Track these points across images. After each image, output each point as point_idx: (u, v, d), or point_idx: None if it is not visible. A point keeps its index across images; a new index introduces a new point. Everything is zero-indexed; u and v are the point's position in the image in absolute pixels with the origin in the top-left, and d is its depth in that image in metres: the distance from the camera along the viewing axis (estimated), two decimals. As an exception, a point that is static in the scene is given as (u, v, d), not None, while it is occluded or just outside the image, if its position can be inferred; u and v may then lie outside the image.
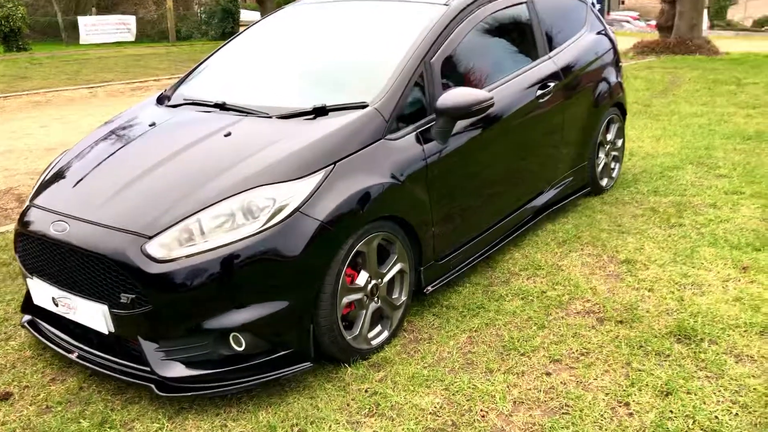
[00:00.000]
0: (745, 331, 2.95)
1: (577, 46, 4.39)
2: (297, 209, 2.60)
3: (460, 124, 3.26)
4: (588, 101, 4.46)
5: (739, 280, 3.42)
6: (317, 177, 2.70)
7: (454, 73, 3.44)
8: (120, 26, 25.79)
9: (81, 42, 24.41)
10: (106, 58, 18.82)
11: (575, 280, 3.53)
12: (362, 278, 2.86)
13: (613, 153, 4.92)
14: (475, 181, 3.46)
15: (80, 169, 3.06)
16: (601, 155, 4.76)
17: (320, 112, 3.02)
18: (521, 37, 4.01)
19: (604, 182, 4.82)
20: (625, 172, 5.29)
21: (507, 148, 3.70)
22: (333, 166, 2.76)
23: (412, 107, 3.15)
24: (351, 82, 3.31)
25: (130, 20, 26.43)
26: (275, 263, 2.57)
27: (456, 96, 3.12)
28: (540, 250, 3.93)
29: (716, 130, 6.61)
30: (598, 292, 3.40)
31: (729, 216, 4.24)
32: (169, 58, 18.61)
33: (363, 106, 3.01)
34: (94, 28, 25.03)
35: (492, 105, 3.18)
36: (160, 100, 3.67)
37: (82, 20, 25.08)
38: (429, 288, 3.25)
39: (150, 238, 2.53)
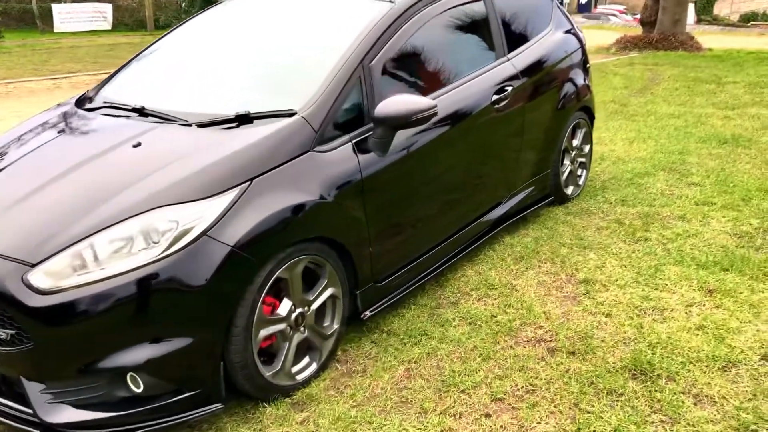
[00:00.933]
0: (706, 366, 2.69)
1: (540, 47, 4.11)
2: (203, 233, 2.31)
3: (404, 133, 2.97)
4: (551, 105, 4.18)
5: (704, 305, 3.16)
6: (229, 196, 2.40)
7: (397, 78, 3.15)
8: (96, 14, 25.25)
9: (55, 30, 23.86)
10: (78, 47, 18.34)
11: (529, 302, 3.26)
12: (285, 307, 2.58)
13: (580, 159, 4.65)
14: (419, 196, 3.18)
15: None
16: (567, 162, 4.49)
17: (244, 119, 2.72)
18: (477, 37, 3.72)
19: (569, 190, 4.55)
20: (593, 178, 5.03)
21: (458, 158, 3.42)
22: (250, 182, 2.47)
23: (347, 115, 2.86)
24: (281, 87, 3.01)
25: (107, 8, 25.89)
26: (179, 294, 2.27)
27: (395, 104, 2.83)
28: (495, 266, 3.66)
29: (692, 132, 6.37)
30: (552, 316, 3.13)
31: (698, 230, 3.99)
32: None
33: (291, 114, 2.72)
34: (68, 15, 24.48)
35: (435, 114, 2.89)
36: (80, 102, 3.35)
37: (56, 8, 24.51)
38: (367, 313, 2.97)
39: (33, 265, 2.23)
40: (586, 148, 4.71)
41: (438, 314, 3.20)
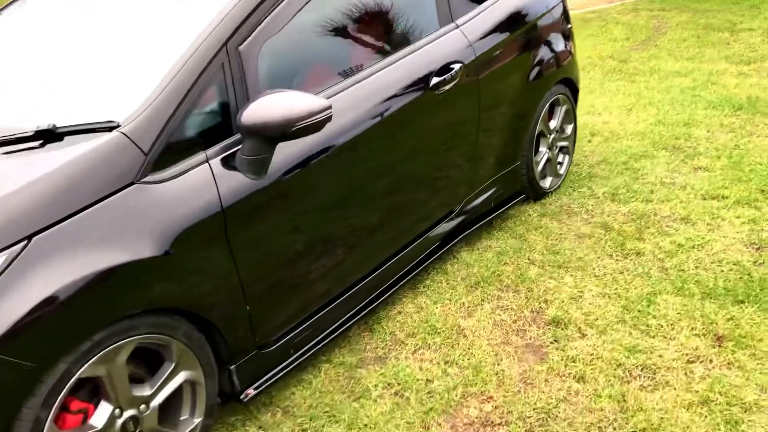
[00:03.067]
0: (712, 476, 1.90)
1: (500, 6, 3.19)
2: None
3: (290, 145, 2.13)
4: (519, 81, 3.29)
5: (710, 361, 2.35)
6: (-12, 267, 1.59)
7: (285, 66, 2.28)
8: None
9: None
10: None
11: (478, 357, 2.47)
12: (103, 414, 1.79)
13: (560, 144, 3.77)
14: (325, 222, 2.35)
15: None
16: (543, 149, 3.62)
17: (48, 136, 1.88)
18: (408, 2, 2.81)
19: (546, 183, 3.69)
20: (579, 161, 4.15)
21: (381, 166, 2.57)
22: (27, 242, 1.64)
23: (202, 123, 2.03)
24: (108, 89, 2.14)
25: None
26: None
27: (268, 107, 1.98)
28: (442, 298, 2.85)
29: (701, 95, 5.42)
30: (506, 381, 2.34)
31: (704, 238, 3.14)
32: None
33: (111, 127, 1.87)
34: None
35: (329, 117, 2.04)
36: None
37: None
38: (250, 391, 2.19)
39: None
40: (569, 129, 3.82)
41: (357, 379, 2.41)
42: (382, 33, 2.68)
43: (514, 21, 3.24)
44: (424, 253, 2.94)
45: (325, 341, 2.45)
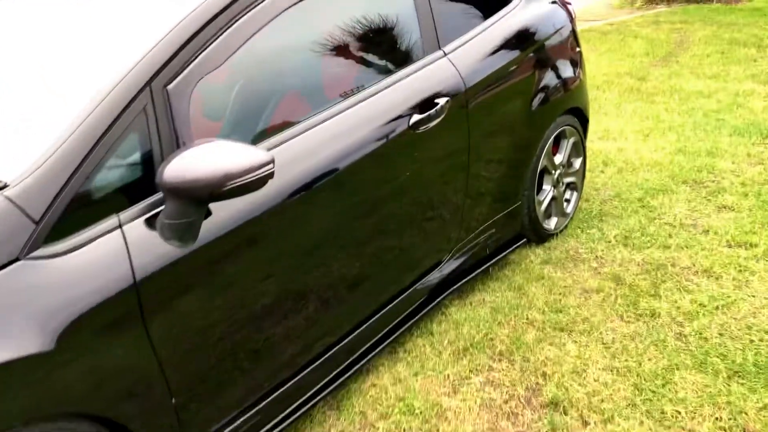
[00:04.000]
0: None
1: (500, 29, 2.81)
2: None
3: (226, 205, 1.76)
4: (520, 112, 2.91)
5: (740, 467, 1.94)
6: None
7: (223, 110, 1.92)
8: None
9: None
10: None
11: (459, 449, 2.07)
12: None
13: (567, 180, 3.38)
14: (278, 288, 1.98)
15: None
16: (547, 187, 3.23)
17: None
18: (385, 26, 2.43)
19: (551, 223, 3.30)
20: (590, 196, 3.75)
21: (349, 219, 2.19)
22: None
23: (117, 181, 1.67)
24: (9, 135, 1.78)
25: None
26: None
27: (195, 162, 1.61)
28: (424, 367, 2.46)
29: (726, 120, 5.00)
30: (489, 485, 1.94)
31: (731, 297, 2.72)
32: None
33: (-3, 189, 1.52)
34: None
35: (271, 174, 1.67)
36: None
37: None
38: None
39: None
40: (577, 163, 3.43)
41: (313, 474, 2.03)
42: (352, 66, 2.31)
43: (514, 45, 2.86)
44: (407, 311, 2.56)
45: (282, 426, 2.07)
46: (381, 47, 2.38)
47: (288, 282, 1.99)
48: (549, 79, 3.06)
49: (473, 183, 2.69)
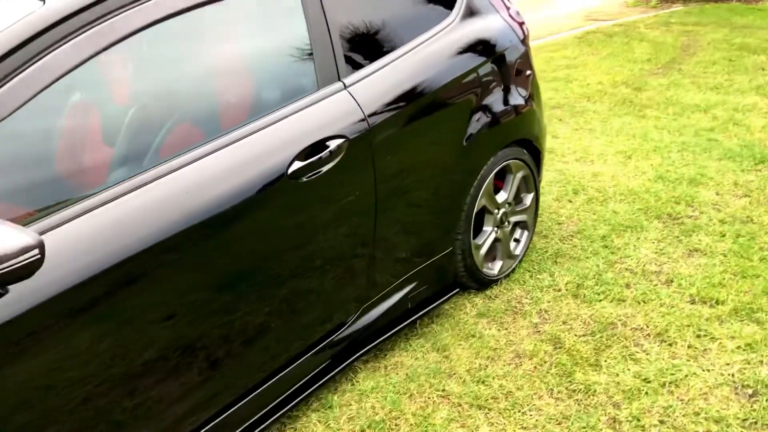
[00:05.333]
0: None
1: (424, 54, 2.44)
2: None
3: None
4: (449, 148, 2.55)
5: None
6: None
7: (14, 170, 1.58)
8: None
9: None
10: None
11: None
12: None
13: (515, 219, 2.99)
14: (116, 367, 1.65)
15: None
16: (488, 228, 2.86)
17: None
18: (264, 55, 2.07)
19: (495, 268, 2.93)
20: (549, 232, 3.37)
21: (212, 286, 1.84)
22: None
23: None
24: None
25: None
26: None
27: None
28: (310, 452, 2.12)
29: (718, 140, 4.56)
30: None
31: (682, 371, 2.34)
32: None
33: None
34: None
35: (39, 261, 1.33)
36: None
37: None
38: None
39: None
40: (528, 199, 3.04)
41: None
42: (234, 100, 1.95)
43: (443, 71, 2.49)
44: (302, 380, 2.22)
45: None
46: (261, 79, 2.02)
47: (128, 359, 1.66)
48: (488, 108, 2.68)
49: (383, 234, 2.33)
